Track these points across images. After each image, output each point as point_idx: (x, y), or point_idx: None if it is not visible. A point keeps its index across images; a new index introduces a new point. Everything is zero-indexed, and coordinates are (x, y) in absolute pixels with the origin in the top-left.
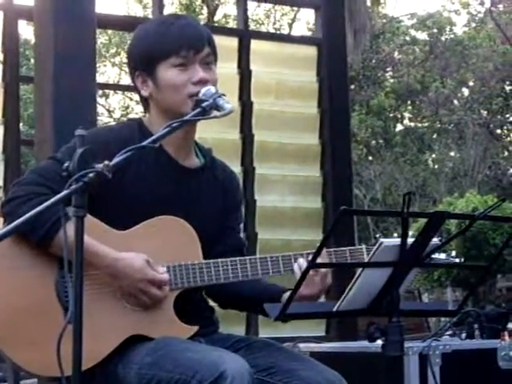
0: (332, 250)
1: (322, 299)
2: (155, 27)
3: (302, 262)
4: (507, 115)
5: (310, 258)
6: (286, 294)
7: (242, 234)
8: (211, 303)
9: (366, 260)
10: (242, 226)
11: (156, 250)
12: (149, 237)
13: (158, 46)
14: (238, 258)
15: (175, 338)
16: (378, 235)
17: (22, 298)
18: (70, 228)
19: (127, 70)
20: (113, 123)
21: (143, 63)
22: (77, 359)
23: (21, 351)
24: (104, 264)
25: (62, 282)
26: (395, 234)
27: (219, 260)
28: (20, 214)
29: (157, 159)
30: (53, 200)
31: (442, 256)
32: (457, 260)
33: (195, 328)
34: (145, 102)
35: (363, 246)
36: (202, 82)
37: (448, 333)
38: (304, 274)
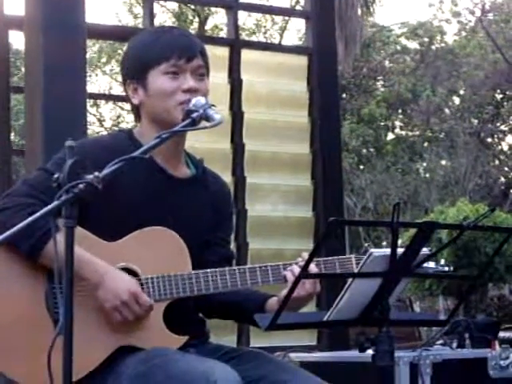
0: (321, 259)
1: (314, 309)
2: (148, 36)
3: (296, 270)
4: (498, 124)
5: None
6: (272, 300)
7: (231, 246)
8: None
9: (356, 270)
10: (232, 237)
11: (145, 260)
12: (138, 248)
13: (150, 53)
14: (227, 268)
15: (165, 349)
16: (367, 244)
17: (10, 310)
18: (60, 238)
19: (120, 79)
20: (104, 133)
21: (134, 70)
22: (67, 371)
23: (10, 363)
24: (94, 271)
25: (52, 293)
26: (384, 243)
27: (208, 270)
28: (9, 225)
29: (146, 170)
30: (43, 211)
31: (432, 265)
32: (446, 269)
33: (185, 338)
34: (136, 111)
35: (352, 256)
36: (192, 91)
37: (439, 342)
38: (294, 284)
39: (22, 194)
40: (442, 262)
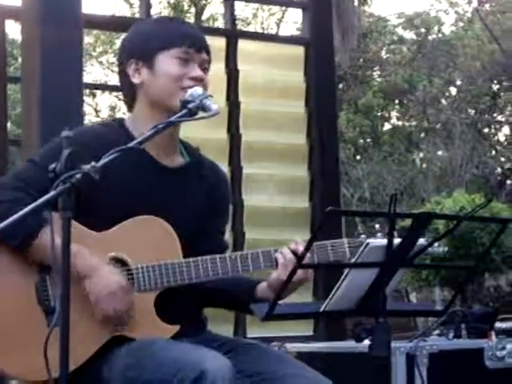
0: (314, 244)
1: (310, 298)
2: (157, 22)
3: (286, 252)
4: (494, 114)
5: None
6: (262, 285)
7: (226, 236)
8: None
9: (350, 255)
10: (226, 227)
11: (135, 250)
12: (128, 237)
13: (161, 36)
14: (217, 256)
15: (157, 338)
16: (361, 232)
17: (2, 304)
18: (48, 231)
19: (116, 65)
20: (96, 122)
21: (140, 51)
22: (64, 362)
23: (3, 355)
24: (84, 263)
25: (42, 285)
26: (377, 226)
27: (199, 258)
28: None
29: (136, 159)
30: (38, 202)
31: (422, 241)
32: (441, 250)
33: (176, 327)
34: (131, 95)
35: (344, 240)
36: (198, 80)
37: (435, 333)
38: (291, 274)
39: (10, 187)
40: (436, 244)
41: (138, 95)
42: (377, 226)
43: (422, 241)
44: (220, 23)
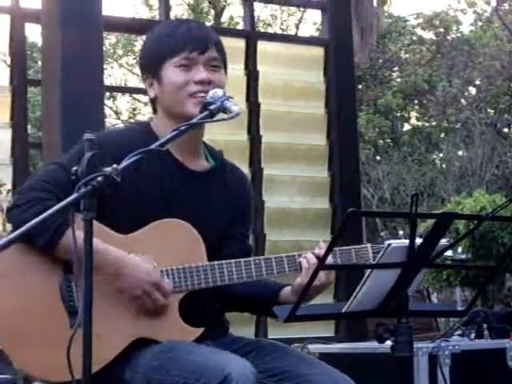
0: (337, 249)
1: (331, 300)
2: (161, 30)
3: (310, 257)
4: None
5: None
6: (286, 290)
7: (250, 239)
8: None
9: (374, 261)
10: (250, 229)
11: (160, 252)
12: (153, 240)
13: (162, 47)
14: (242, 260)
15: (181, 342)
16: (383, 233)
17: (26, 303)
18: (77, 231)
19: (136, 71)
20: (120, 125)
21: (149, 65)
22: (87, 363)
23: (25, 356)
24: (111, 262)
25: (67, 285)
26: (401, 232)
27: (223, 262)
28: (24, 219)
29: (162, 162)
30: (61, 204)
31: (449, 253)
32: (463, 256)
33: (200, 330)
34: (153, 104)
35: (368, 245)
36: (205, 83)
37: (457, 333)
38: (313, 275)
39: (36, 188)
40: (460, 249)
41: (157, 107)
42: (400, 231)
43: (443, 241)
44: (239, 25)
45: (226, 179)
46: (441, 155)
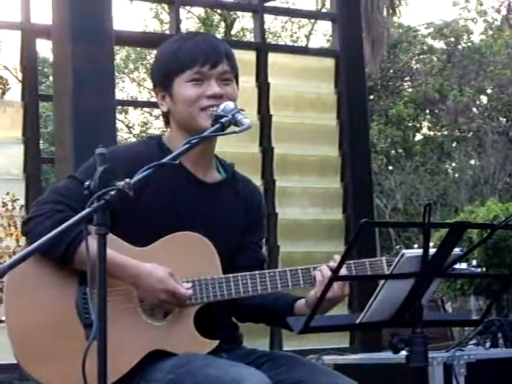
0: (352, 262)
1: (345, 311)
2: (172, 44)
3: (324, 269)
4: None
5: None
6: (300, 302)
7: (263, 249)
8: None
9: (388, 271)
10: (263, 240)
11: (175, 265)
12: (168, 253)
13: (174, 61)
14: (257, 272)
15: (196, 355)
16: (398, 246)
17: (42, 316)
18: (92, 244)
19: (147, 85)
20: (132, 139)
21: (161, 79)
22: (102, 376)
23: (42, 369)
24: (128, 274)
25: (82, 298)
26: (415, 245)
27: (238, 274)
28: (40, 232)
29: (176, 175)
30: (74, 219)
31: (464, 266)
32: (478, 270)
33: (216, 342)
34: (165, 117)
35: (383, 258)
36: (217, 97)
37: (472, 342)
38: (327, 286)
39: (51, 201)
40: (474, 262)
41: (170, 120)
42: (415, 244)
43: (457, 250)
44: (250, 37)
45: (238, 190)
46: (453, 164)
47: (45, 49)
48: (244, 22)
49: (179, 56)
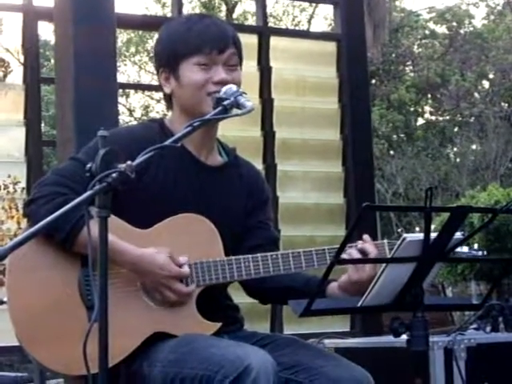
0: (354, 244)
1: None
2: (180, 25)
3: (353, 253)
4: None
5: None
6: (333, 285)
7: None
8: (236, 301)
9: (390, 255)
10: (271, 219)
11: (177, 247)
12: (170, 235)
13: (182, 44)
14: (259, 255)
15: (198, 335)
16: (400, 229)
17: (44, 298)
18: (94, 227)
19: (148, 69)
20: (134, 123)
21: (167, 60)
22: (103, 357)
23: (44, 350)
24: (128, 261)
25: (85, 280)
26: (417, 229)
27: (241, 256)
28: (42, 214)
29: (178, 158)
30: (76, 201)
31: (465, 250)
32: (479, 253)
33: (218, 325)
34: (168, 99)
35: (385, 241)
36: (223, 83)
37: (472, 326)
38: (328, 270)
39: (54, 183)
40: (476, 246)
41: (173, 102)
42: (416, 228)
43: (458, 234)
44: (252, 21)
45: (241, 173)
46: (455, 149)
47: (47, 31)
48: (245, 5)
49: (187, 39)
